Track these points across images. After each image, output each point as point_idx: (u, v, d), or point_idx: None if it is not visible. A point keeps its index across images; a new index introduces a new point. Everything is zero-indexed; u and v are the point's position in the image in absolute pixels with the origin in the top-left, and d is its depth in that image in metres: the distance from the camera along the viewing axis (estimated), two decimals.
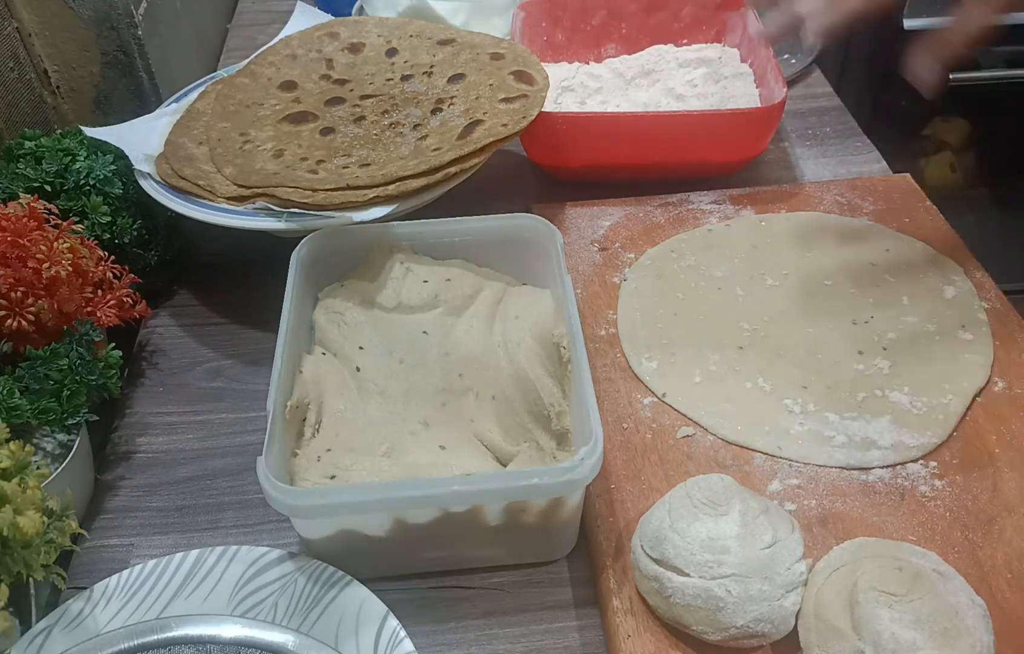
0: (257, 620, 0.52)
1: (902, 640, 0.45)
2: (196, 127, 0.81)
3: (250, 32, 1.17)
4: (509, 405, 0.61)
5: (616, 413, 0.65)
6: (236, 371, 0.73)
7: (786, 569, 0.50)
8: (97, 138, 0.76)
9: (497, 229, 0.69)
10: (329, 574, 0.55)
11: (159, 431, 0.68)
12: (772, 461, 0.62)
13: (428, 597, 0.57)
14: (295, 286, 0.63)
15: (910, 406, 0.64)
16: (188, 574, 0.56)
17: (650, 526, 0.53)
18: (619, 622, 0.53)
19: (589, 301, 0.74)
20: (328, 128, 0.78)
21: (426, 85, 0.82)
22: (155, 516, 0.63)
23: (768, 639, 0.50)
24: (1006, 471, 0.60)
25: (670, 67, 0.95)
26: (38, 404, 0.58)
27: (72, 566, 0.59)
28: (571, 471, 0.51)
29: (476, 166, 0.72)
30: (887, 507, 0.59)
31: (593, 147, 0.83)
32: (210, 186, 0.72)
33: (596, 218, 0.82)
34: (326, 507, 0.51)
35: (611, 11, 0.98)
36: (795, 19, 0.74)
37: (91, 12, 0.84)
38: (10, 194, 0.69)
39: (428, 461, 0.57)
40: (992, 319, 0.71)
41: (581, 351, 0.58)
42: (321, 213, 0.68)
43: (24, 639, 0.52)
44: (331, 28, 0.91)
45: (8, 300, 0.59)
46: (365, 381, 0.63)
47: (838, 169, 0.92)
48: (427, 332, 0.67)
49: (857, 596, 0.48)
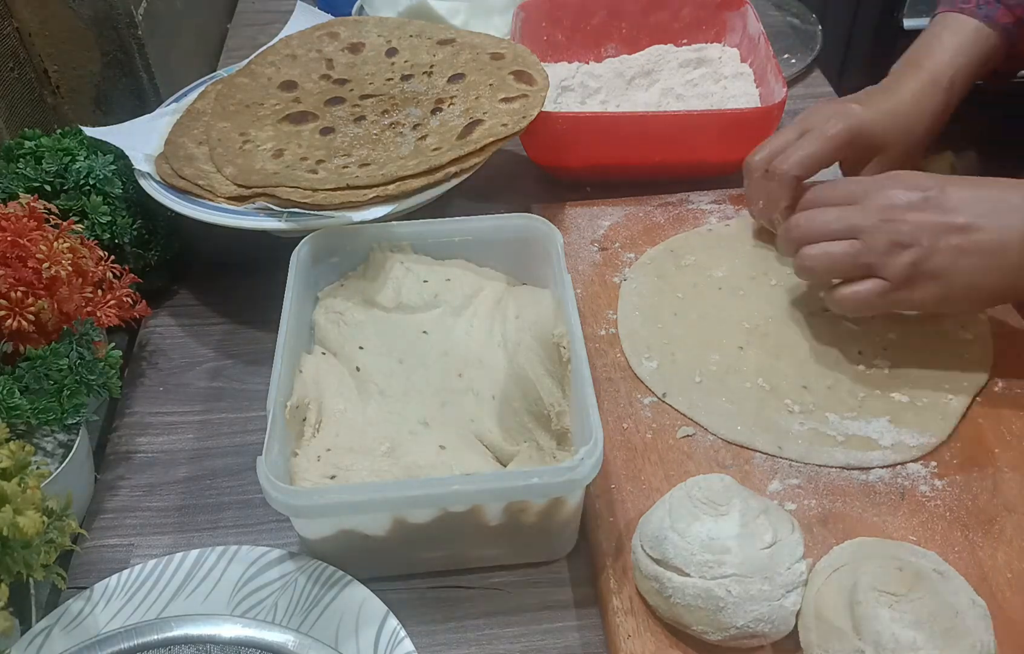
0: (257, 620, 0.52)
1: (902, 640, 0.45)
2: (196, 127, 0.81)
3: (250, 32, 1.17)
4: (509, 405, 0.61)
5: (616, 413, 0.65)
6: (236, 371, 0.73)
7: (786, 569, 0.50)
8: (97, 138, 0.76)
9: (497, 229, 0.69)
10: (329, 574, 0.55)
11: (159, 431, 0.68)
12: (772, 461, 0.62)
13: (428, 597, 0.57)
14: (295, 286, 0.63)
15: (910, 406, 0.64)
16: (188, 574, 0.56)
17: (650, 526, 0.53)
18: (619, 622, 0.53)
19: (589, 301, 0.74)
20: (328, 128, 0.78)
21: (426, 85, 0.82)
22: (155, 516, 0.63)
23: (768, 639, 0.50)
24: (1006, 471, 0.60)
25: (670, 67, 0.95)
26: (38, 404, 0.58)
27: (72, 566, 0.59)
28: (571, 471, 0.51)
29: (476, 166, 0.72)
30: (887, 507, 0.59)
31: (593, 147, 0.83)
32: (210, 186, 0.72)
33: (596, 218, 0.82)
34: (326, 507, 0.51)
35: (611, 11, 0.98)
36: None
37: (91, 12, 0.84)
38: (10, 194, 0.69)
39: (428, 461, 0.57)
40: (992, 319, 0.71)
41: (581, 351, 0.58)
42: (321, 213, 0.68)
43: (24, 639, 0.52)
44: (331, 28, 0.91)
45: (8, 300, 0.59)
46: (365, 381, 0.63)
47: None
48: (427, 332, 0.67)
49: (857, 596, 0.48)
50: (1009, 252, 0.59)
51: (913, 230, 0.60)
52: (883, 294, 0.61)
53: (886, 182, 0.63)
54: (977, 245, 0.59)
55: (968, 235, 0.59)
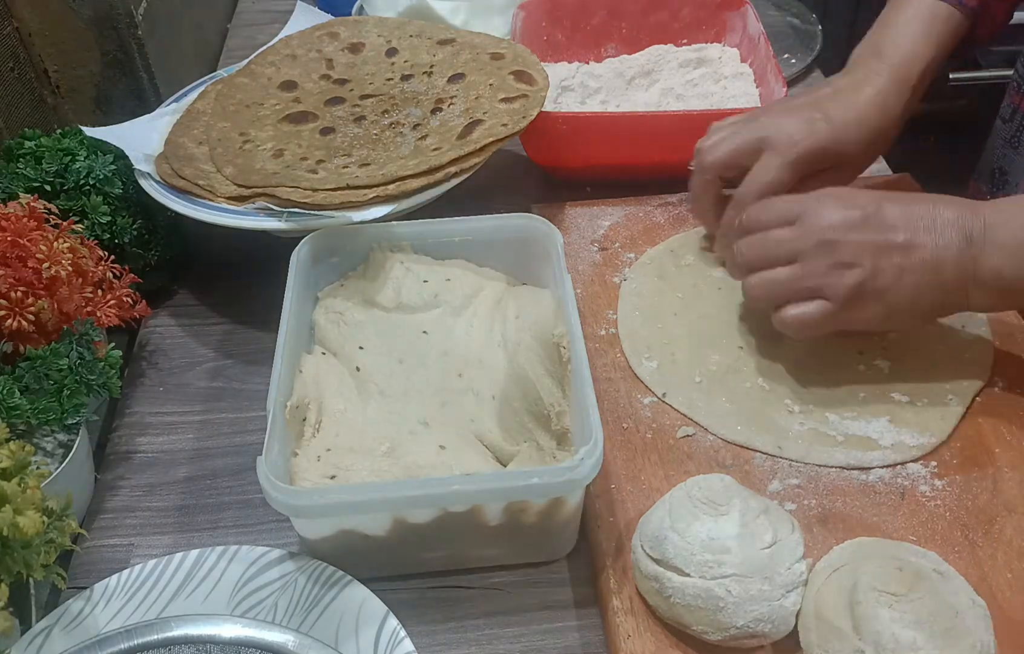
0: (257, 620, 0.52)
1: (902, 640, 0.45)
2: (196, 127, 0.80)
3: (250, 32, 1.17)
4: (509, 405, 0.61)
5: (616, 413, 0.65)
6: (236, 371, 0.73)
7: (786, 569, 0.50)
8: (97, 138, 0.76)
9: (497, 229, 0.69)
10: (329, 574, 0.55)
11: (159, 431, 0.68)
12: (772, 461, 0.62)
13: (428, 597, 0.57)
14: (295, 286, 0.63)
15: (910, 406, 0.64)
16: (188, 574, 0.56)
17: (650, 526, 0.53)
18: (619, 622, 0.53)
19: (589, 301, 0.74)
20: (328, 128, 0.78)
21: (426, 85, 0.82)
22: (155, 516, 0.62)
23: (768, 639, 0.50)
24: (1006, 471, 0.60)
25: (670, 67, 0.95)
26: (38, 404, 0.58)
27: (72, 566, 0.59)
28: (571, 471, 0.51)
29: (476, 166, 0.72)
30: (887, 507, 0.59)
31: (593, 147, 0.83)
32: (210, 186, 0.72)
33: (596, 218, 0.82)
34: (326, 507, 0.51)
35: (611, 11, 0.98)
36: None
37: (91, 12, 0.84)
38: (10, 194, 0.69)
39: (428, 461, 0.57)
40: (992, 319, 0.71)
41: (581, 351, 0.58)
42: (321, 213, 0.68)
43: (24, 639, 0.52)
44: (331, 28, 0.91)
45: (8, 300, 0.59)
46: (365, 381, 0.63)
47: None
48: (427, 332, 0.67)
49: (857, 596, 0.48)
50: (945, 268, 0.59)
51: (854, 250, 0.60)
52: (828, 315, 0.61)
53: (823, 200, 0.62)
54: (917, 263, 0.59)
55: (908, 253, 0.59)
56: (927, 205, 0.60)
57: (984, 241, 0.58)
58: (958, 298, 0.60)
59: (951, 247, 0.59)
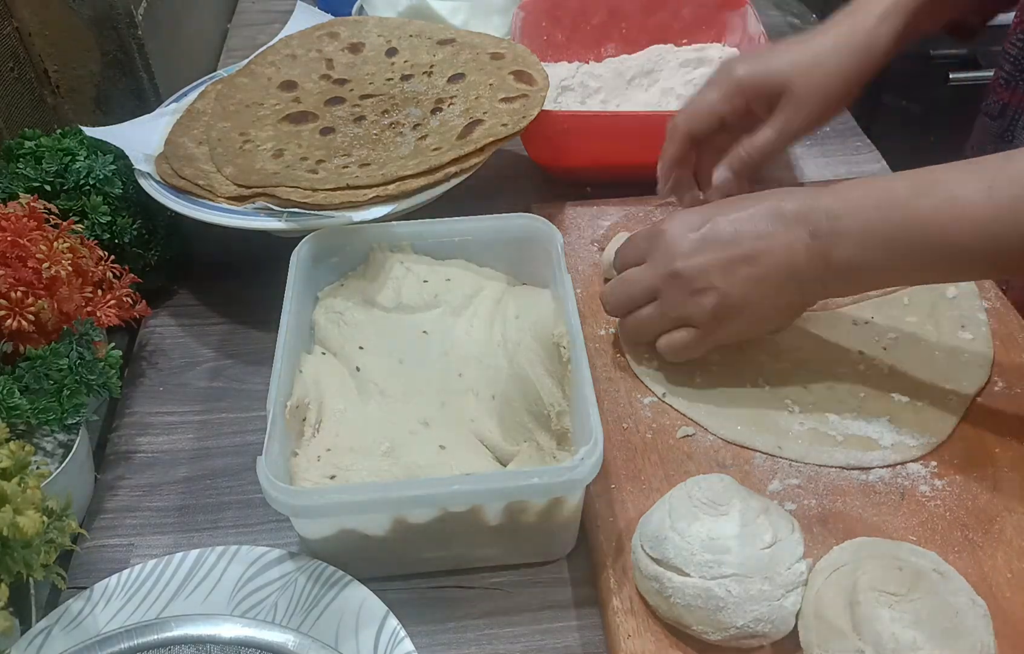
0: (257, 620, 0.52)
1: (902, 640, 0.45)
2: (196, 127, 0.81)
3: (250, 32, 1.17)
4: (509, 405, 0.61)
5: (616, 413, 0.65)
6: (236, 371, 0.73)
7: (786, 569, 0.50)
8: (97, 138, 0.76)
9: (497, 229, 0.69)
10: (329, 574, 0.55)
11: (159, 431, 0.68)
12: (772, 461, 0.62)
13: (428, 597, 0.57)
14: (295, 286, 0.63)
15: (910, 406, 0.64)
16: (188, 574, 0.56)
17: (650, 526, 0.53)
18: (619, 622, 0.53)
19: (589, 301, 0.74)
20: (328, 128, 0.78)
21: (426, 85, 0.82)
22: (155, 516, 0.63)
23: (768, 639, 0.50)
24: (1006, 471, 0.60)
25: (670, 67, 0.95)
26: (38, 404, 0.58)
27: (72, 566, 0.59)
28: (571, 471, 0.51)
29: (476, 166, 0.72)
30: (887, 507, 0.59)
31: (593, 147, 0.83)
32: (210, 186, 0.72)
33: (596, 218, 0.82)
34: (326, 507, 0.51)
35: (611, 11, 0.98)
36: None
37: (91, 12, 0.84)
38: (10, 194, 0.69)
39: (428, 461, 0.57)
40: (992, 319, 0.71)
41: (581, 351, 0.58)
42: (321, 213, 0.68)
43: (24, 639, 0.52)
44: (331, 28, 0.91)
45: (8, 300, 0.59)
46: (365, 381, 0.63)
47: (838, 168, 0.91)
48: (427, 332, 0.67)
49: (857, 596, 0.48)
50: (798, 264, 0.58)
51: (702, 276, 0.60)
52: (699, 339, 0.63)
53: (667, 229, 0.63)
54: (767, 268, 0.59)
55: (755, 262, 0.59)
56: (768, 203, 0.60)
57: (831, 233, 0.57)
58: (815, 289, 0.61)
59: (799, 243, 0.58)
